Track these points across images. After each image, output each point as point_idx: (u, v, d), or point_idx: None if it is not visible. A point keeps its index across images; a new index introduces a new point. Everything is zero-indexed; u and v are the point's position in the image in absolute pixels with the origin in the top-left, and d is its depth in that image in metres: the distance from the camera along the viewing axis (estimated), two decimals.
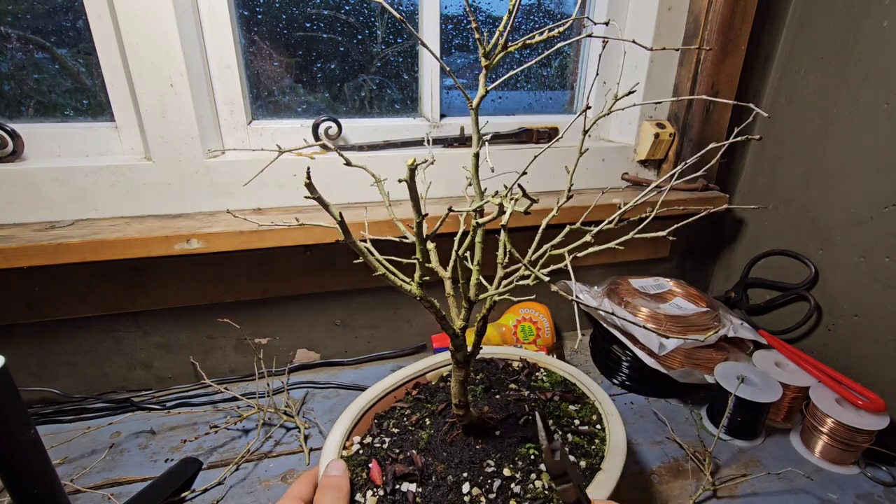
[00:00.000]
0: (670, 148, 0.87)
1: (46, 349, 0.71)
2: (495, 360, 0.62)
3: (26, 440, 0.40)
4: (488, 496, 0.41)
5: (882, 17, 0.68)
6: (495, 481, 0.42)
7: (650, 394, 0.77)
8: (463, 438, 0.47)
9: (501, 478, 0.43)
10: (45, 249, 0.59)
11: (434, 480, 0.43)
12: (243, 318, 0.77)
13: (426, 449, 0.47)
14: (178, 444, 0.65)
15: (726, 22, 0.77)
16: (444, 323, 0.39)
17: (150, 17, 0.61)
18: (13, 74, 0.67)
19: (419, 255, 0.35)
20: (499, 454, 0.45)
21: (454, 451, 0.46)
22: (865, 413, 0.62)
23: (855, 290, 0.73)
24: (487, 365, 0.61)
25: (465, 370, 0.44)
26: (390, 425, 0.50)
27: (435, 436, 0.48)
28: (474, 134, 0.38)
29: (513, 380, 0.58)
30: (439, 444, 0.47)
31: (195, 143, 0.68)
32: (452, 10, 0.81)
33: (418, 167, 0.30)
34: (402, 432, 0.49)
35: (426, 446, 0.47)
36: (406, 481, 0.43)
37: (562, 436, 0.48)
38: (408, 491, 0.42)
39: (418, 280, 0.36)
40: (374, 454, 0.46)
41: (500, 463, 0.45)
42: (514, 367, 0.61)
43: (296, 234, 0.67)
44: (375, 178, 0.41)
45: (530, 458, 0.46)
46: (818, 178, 0.79)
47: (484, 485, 0.42)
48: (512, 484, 0.42)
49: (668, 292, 0.86)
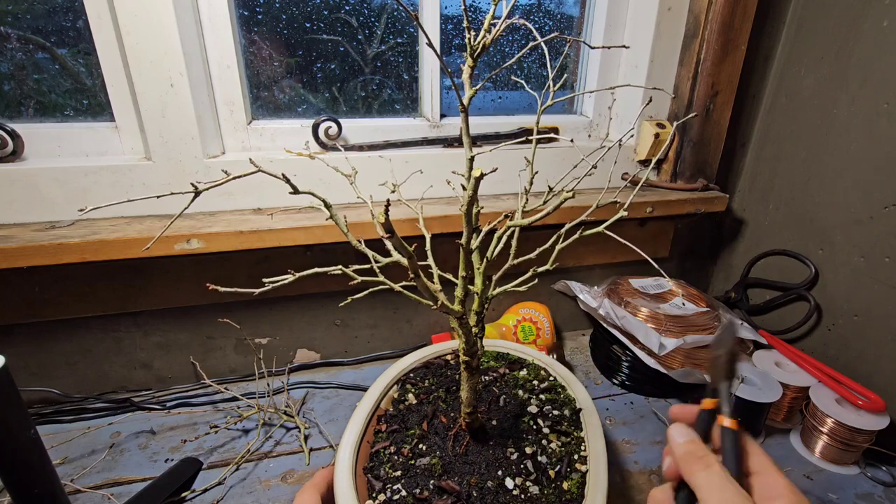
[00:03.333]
0: (670, 148, 0.87)
1: (46, 349, 0.71)
2: (432, 364, 0.60)
3: (26, 440, 0.40)
4: (529, 478, 0.43)
5: (882, 17, 0.68)
6: (527, 462, 0.44)
7: (650, 394, 0.77)
8: (474, 444, 0.47)
9: (527, 457, 0.45)
10: (45, 249, 0.59)
11: (477, 494, 0.42)
12: (243, 318, 0.77)
13: (447, 472, 0.44)
14: (178, 444, 0.65)
15: (726, 22, 0.77)
16: (470, 336, 0.39)
17: (150, 17, 0.61)
18: (13, 74, 0.67)
19: (463, 269, 0.36)
20: (510, 439, 0.47)
21: (475, 459, 0.45)
22: (865, 413, 0.62)
23: (855, 290, 0.73)
24: (425, 369, 0.59)
25: (476, 376, 0.44)
26: (388, 472, 0.45)
27: (445, 456, 0.46)
28: (465, 137, 0.37)
29: (456, 373, 0.58)
30: (456, 461, 0.45)
31: (195, 144, 0.68)
32: (452, 11, 0.81)
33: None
34: (407, 471, 0.45)
35: (444, 469, 0.45)
36: None
37: (538, 404, 0.52)
38: None
39: (460, 297, 0.36)
40: (401, 502, 0.42)
41: (517, 446, 0.46)
42: (450, 360, 0.60)
43: (296, 234, 0.67)
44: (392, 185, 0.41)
45: (532, 428, 0.48)
46: (818, 178, 0.79)
47: (521, 472, 0.44)
48: (537, 457, 0.45)
49: (668, 292, 0.86)
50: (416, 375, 0.57)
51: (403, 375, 0.57)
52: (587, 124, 0.92)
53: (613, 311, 0.78)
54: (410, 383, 0.56)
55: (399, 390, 0.55)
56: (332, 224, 0.32)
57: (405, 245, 0.31)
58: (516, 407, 0.52)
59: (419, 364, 0.59)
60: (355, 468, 0.44)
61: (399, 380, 0.56)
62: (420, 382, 0.56)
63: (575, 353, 0.90)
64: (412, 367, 0.58)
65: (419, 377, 0.57)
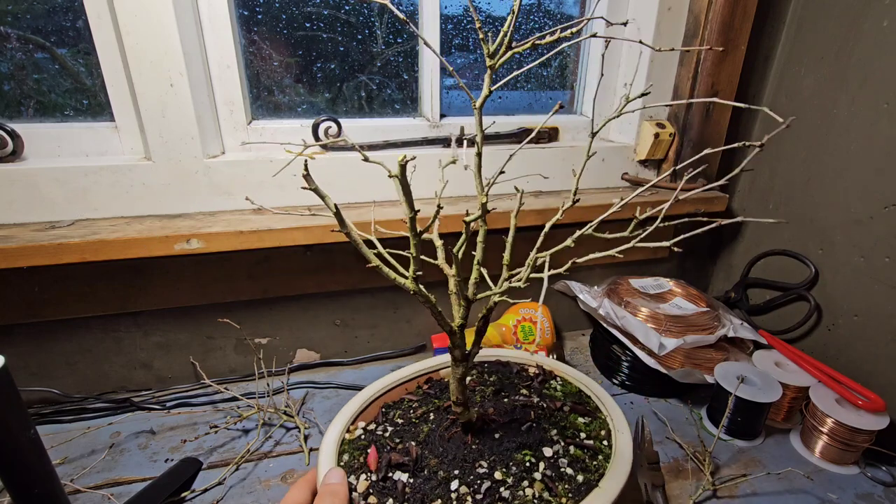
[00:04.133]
0: (670, 148, 0.87)
1: (46, 349, 0.71)
2: (511, 364, 0.61)
3: (26, 440, 0.40)
4: (475, 496, 0.42)
5: (882, 17, 0.68)
6: (484, 483, 0.43)
7: (650, 394, 0.77)
8: (461, 436, 0.48)
9: (492, 480, 0.43)
10: (45, 249, 0.59)
11: (426, 473, 0.44)
12: (243, 318, 0.77)
13: (424, 442, 0.47)
14: (178, 444, 0.65)
15: (726, 22, 0.77)
16: (441, 319, 0.39)
17: (150, 17, 0.61)
18: (13, 74, 0.67)
19: (413, 250, 0.36)
20: (493, 457, 0.46)
21: (450, 448, 0.46)
22: (865, 413, 0.62)
23: (855, 290, 0.73)
24: (502, 368, 0.61)
25: (462, 367, 0.44)
26: (396, 415, 0.52)
27: (435, 430, 0.49)
28: (478, 133, 0.38)
29: (525, 385, 0.57)
30: (437, 439, 0.48)
31: (195, 143, 0.68)
32: (452, 10, 0.81)
33: (409, 163, 0.31)
34: (406, 423, 0.50)
35: (425, 439, 0.48)
36: (399, 470, 0.44)
37: (563, 447, 0.47)
38: (399, 480, 0.43)
39: (413, 274, 0.36)
40: (375, 440, 0.48)
41: (493, 465, 0.45)
42: (529, 372, 0.60)
43: (296, 234, 0.67)
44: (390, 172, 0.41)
45: (525, 464, 0.45)
46: (818, 178, 0.79)
47: (473, 484, 0.43)
48: (501, 488, 0.42)
49: (668, 292, 0.86)
50: (489, 369, 0.61)
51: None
52: (587, 124, 0.92)
53: (613, 311, 0.78)
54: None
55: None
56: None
57: (326, 197, 0.32)
58: (531, 441, 0.48)
59: (504, 360, 0.62)
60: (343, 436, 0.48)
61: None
62: (487, 377, 0.59)
63: (575, 353, 0.90)
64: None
65: (490, 371, 0.60)
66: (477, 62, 0.88)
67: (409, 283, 0.36)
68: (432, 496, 0.42)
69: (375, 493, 0.42)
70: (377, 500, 0.41)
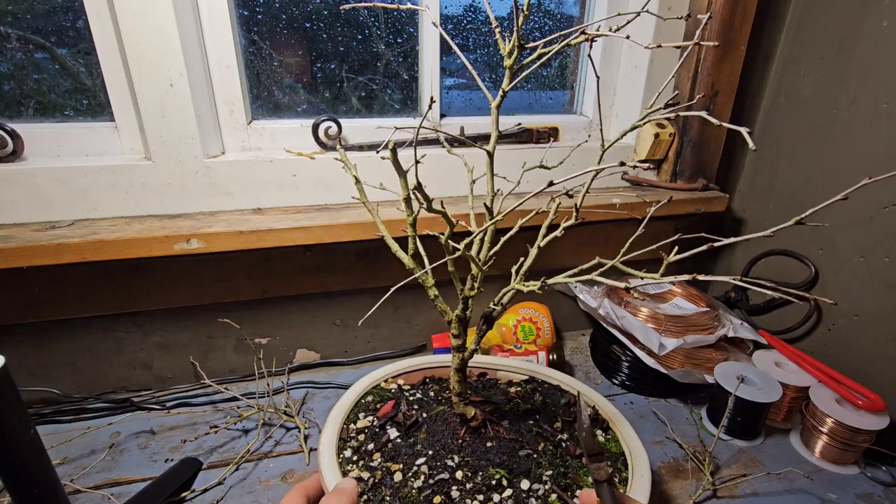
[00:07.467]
0: (670, 148, 0.87)
1: (46, 349, 0.71)
2: (565, 394, 0.58)
3: (26, 440, 0.40)
4: (428, 480, 0.44)
5: (882, 17, 0.68)
6: (442, 474, 0.45)
7: (650, 394, 0.77)
8: (456, 425, 0.49)
9: (450, 475, 0.45)
10: (45, 249, 0.59)
11: (410, 440, 0.49)
12: (243, 318, 0.77)
13: (431, 417, 0.51)
14: (178, 444, 0.65)
15: (726, 22, 0.77)
16: (438, 300, 0.40)
17: (150, 17, 0.61)
18: (13, 74, 0.67)
19: (410, 230, 0.37)
20: (469, 458, 0.46)
21: (441, 432, 0.49)
22: (865, 413, 0.62)
23: (855, 290, 0.73)
24: (553, 392, 0.58)
25: (458, 357, 0.46)
26: (431, 387, 0.58)
27: (446, 413, 0.52)
28: (494, 133, 0.39)
29: (564, 419, 0.53)
30: (440, 421, 0.50)
31: (195, 143, 0.68)
32: (452, 11, 0.81)
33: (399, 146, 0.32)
34: (433, 399, 0.55)
35: (433, 416, 0.51)
36: (394, 428, 0.50)
37: (545, 491, 0.44)
38: (388, 433, 0.49)
39: (411, 251, 0.37)
40: (399, 398, 0.54)
41: (461, 464, 0.46)
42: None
43: (296, 234, 0.67)
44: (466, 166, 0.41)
45: (492, 482, 0.44)
46: (818, 178, 0.79)
47: (434, 468, 0.45)
48: (454, 486, 0.44)
49: (668, 292, 0.86)
50: (537, 387, 0.61)
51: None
52: (587, 124, 0.92)
53: (613, 311, 0.78)
54: None
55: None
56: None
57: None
58: (504, 461, 0.47)
59: (565, 387, 0.61)
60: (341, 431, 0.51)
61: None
62: (530, 394, 0.60)
63: (575, 353, 0.90)
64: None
65: (536, 390, 0.60)
66: (477, 62, 0.88)
67: (407, 260, 0.37)
68: (399, 460, 0.46)
69: (368, 435, 0.50)
70: (364, 439, 0.49)
